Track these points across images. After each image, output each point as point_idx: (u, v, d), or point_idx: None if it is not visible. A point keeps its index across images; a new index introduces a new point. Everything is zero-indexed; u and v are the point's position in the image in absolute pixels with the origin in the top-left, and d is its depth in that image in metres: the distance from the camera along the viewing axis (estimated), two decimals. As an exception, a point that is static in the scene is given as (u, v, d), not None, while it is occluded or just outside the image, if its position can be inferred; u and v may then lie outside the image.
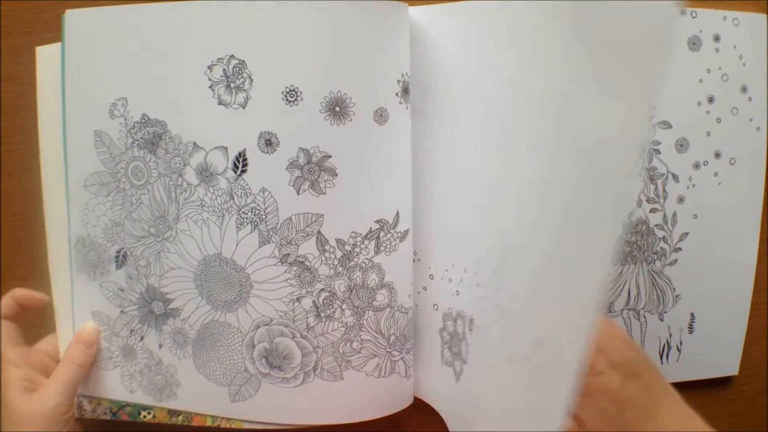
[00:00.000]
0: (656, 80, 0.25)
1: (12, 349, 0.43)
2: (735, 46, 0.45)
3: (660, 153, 0.46)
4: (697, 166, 0.47)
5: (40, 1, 0.45)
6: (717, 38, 0.45)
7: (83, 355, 0.43)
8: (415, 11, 0.42)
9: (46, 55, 0.44)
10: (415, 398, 0.47)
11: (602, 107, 0.27)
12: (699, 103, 0.46)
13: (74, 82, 0.43)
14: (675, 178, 0.46)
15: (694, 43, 0.45)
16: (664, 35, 0.24)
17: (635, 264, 0.47)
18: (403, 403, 0.46)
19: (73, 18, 0.42)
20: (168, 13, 0.41)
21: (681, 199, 0.47)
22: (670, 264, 0.47)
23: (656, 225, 0.47)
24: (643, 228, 0.47)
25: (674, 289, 0.48)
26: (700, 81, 0.46)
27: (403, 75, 0.42)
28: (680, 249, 0.47)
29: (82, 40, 0.42)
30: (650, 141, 0.46)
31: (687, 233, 0.47)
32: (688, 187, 0.47)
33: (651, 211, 0.47)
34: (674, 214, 0.47)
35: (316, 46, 0.40)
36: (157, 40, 0.41)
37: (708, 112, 0.46)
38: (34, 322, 0.45)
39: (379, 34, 0.41)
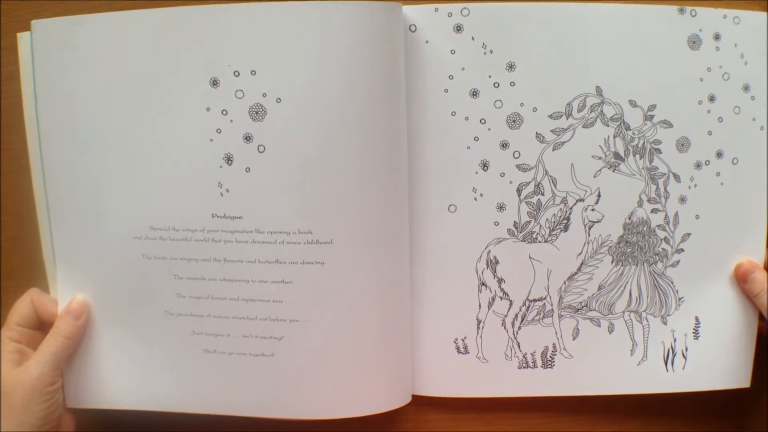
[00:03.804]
0: None
1: (17, 328, 0.43)
2: (736, 45, 0.45)
3: (661, 152, 0.45)
4: (698, 165, 0.46)
5: (40, 1, 0.46)
6: (717, 37, 0.45)
7: (71, 326, 0.43)
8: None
9: (28, 41, 0.43)
10: (413, 395, 0.47)
11: None
12: (700, 102, 0.45)
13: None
14: (676, 177, 0.46)
15: (694, 42, 0.45)
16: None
17: (636, 265, 0.46)
18: (402, 400, 0.46)
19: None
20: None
21: (683, 200, 0.46)
22: (672, 265, 0.46)
23: (657, 225, 0.46)
24: (644, 228, 0.46)
25: (677, 292, 0.47)
26: (701, 80, 0.45)
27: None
28: (682, 250, 0.46)
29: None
30: (651, 140, 0.45)
31: (689, 234, 0.46)
32: (689, 187, 0.46)
33: (652, 211, 0.46)
34: (676, 215, 0.46)
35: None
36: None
37: (709, 111, 0.45)
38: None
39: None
